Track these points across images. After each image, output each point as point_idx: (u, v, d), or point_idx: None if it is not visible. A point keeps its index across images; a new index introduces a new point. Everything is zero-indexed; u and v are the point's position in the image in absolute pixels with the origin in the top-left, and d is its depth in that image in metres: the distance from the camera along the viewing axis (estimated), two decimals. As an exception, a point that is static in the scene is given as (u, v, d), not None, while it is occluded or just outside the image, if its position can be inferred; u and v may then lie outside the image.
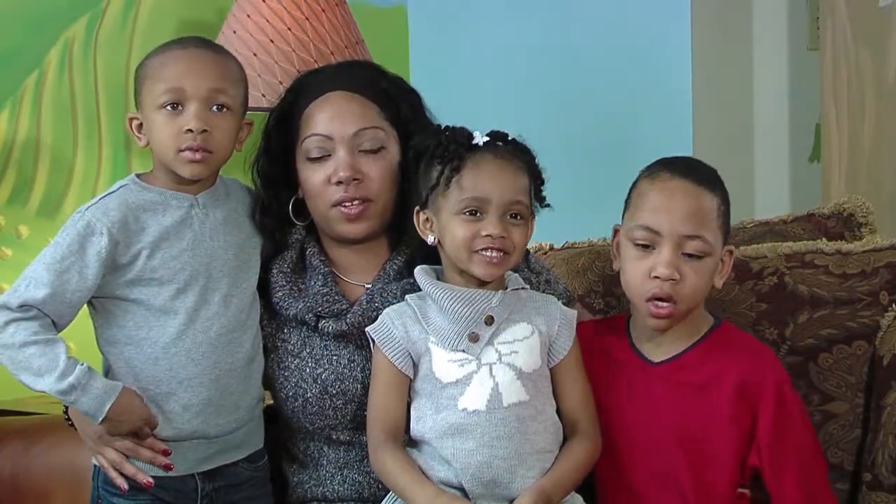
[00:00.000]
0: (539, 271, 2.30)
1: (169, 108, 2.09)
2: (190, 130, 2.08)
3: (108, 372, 2.14)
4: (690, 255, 2.04)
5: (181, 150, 2.09)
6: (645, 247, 2.06)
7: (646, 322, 2.09)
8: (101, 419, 2.03)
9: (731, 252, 2.11)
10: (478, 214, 2.03)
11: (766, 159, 3.83)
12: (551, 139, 3.49)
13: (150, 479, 2.08)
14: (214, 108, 2.11)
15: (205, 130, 2.09)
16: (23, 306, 2.03)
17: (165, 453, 2.08)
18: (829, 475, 2.25)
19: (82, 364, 2.03)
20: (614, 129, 3.63)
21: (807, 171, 3.84)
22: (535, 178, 2.09)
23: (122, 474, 2.08)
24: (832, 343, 2.35)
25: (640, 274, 2.06)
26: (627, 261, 2.08)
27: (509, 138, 2.09)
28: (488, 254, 2.03)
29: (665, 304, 2.04)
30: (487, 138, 2.07)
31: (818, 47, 3.53)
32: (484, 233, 2.03)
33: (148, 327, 2.10)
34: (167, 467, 2.09)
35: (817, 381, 2.35)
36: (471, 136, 2.07)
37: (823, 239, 2.47)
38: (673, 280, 2.03)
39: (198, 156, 2.10)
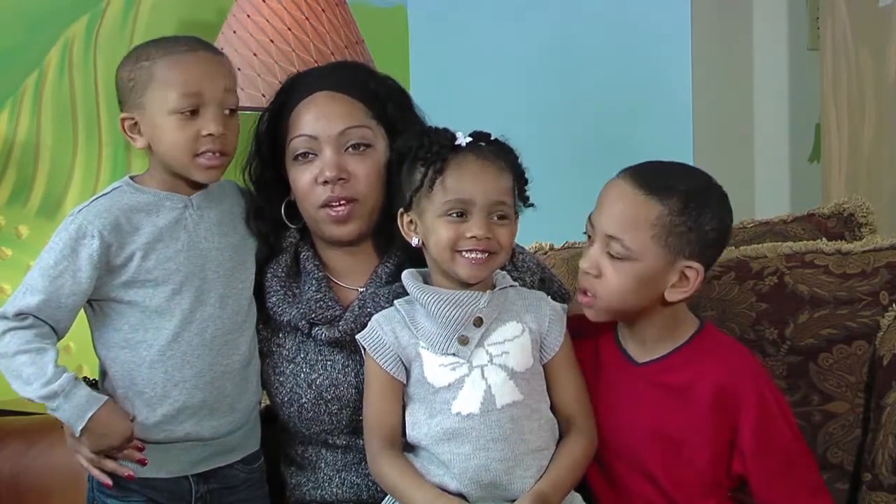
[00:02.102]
0: (533, 270, 2.29)
1: (187, 113, 2.09)
2: (210, 134, 2.08)
3: (104, 376, 2.14)
4: (612, 256, 2.05)
5: (198, 155, 2.09)
6: (589, 238, 2.10)
7: None
8: (80, 428, 2.03)
9: (697, 271, 2.06)
10: (462, 216, 2.03)
11: (766, 159, 3.83)
12: (551, 139, 3.51)
13: (132, 472, 2.08)
14: (227, 110, 2.11)
15: (223, 134, 2.10)
16: (18, 315, 2.05)
17: (139, 449, 2.08)
18: (829, 475, 2.25)
19: (69, 373, 2.04)
20: (614, 130, 3.63)
21: (807, 171, 3.84)
22: (519, 178, 2.08)
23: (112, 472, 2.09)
24: (832, 343, 2.35)
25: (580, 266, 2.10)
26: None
27: (492, 138, 2.09)
28: (473, 255, 2.03)
29: (586, 296, 2.07)
30: (470, 139, 2.07)
31: (818, 47, 3.53)
32: (469, 234, 2.02)
33: (144, 329, 2.10)
34: (141, 462, 2.09)
35: (817, 381, 2.35)
36: (453, 138, 2.06)
37: (823, 239, 2.47)
38: (589, 274, 2.06)
39: (216, 160, 2.10)
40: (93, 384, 2.18)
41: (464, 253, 2.03)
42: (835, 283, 2.37)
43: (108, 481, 2.09)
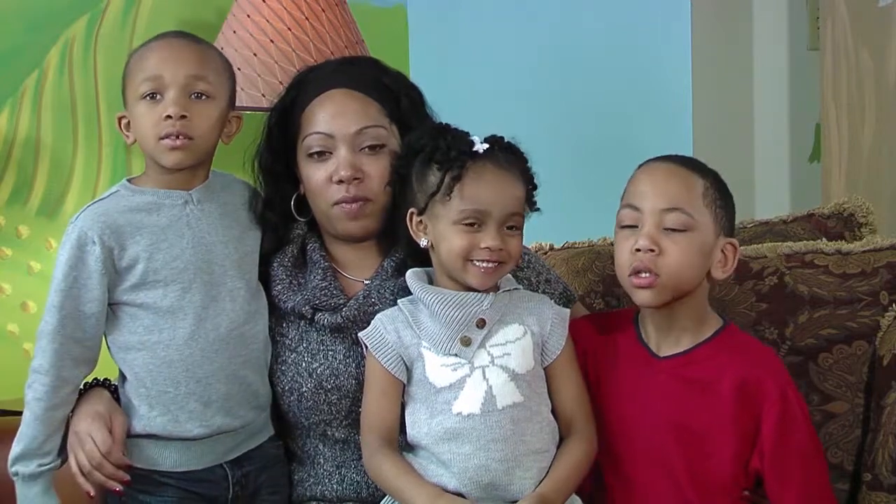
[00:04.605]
0: (539, 270, 2.30)
1: (149, 97, 2.10)
2: (169, 117, 2.09)
3: (123, 379, 2.15)
4: (673, 230, 2.05)
5: (161, 138, 2.10)
6: (632, 227, 2.08)
7: (634, 299, 2.10)
8: None
9: (733, 246, 2.10)
10: (477, 225, 2.03)
11: (766, 159, 3.83)
12: (551, 139, 3.50)
13: (120, 487, 2.09)
14: (193, 95, 2.11)
15: (183, 116, 2.09)
16: (42, 340, 2.08)
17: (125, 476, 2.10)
18: (830, 475, 2.25)
19: (48, 463, 2.08)
20: (614, 129, 3.62)
21: (807, 171, 3.84)
22: (528, 184, 2.09)
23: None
24: (832, 343, 2.35)
25: (626, 253, 2.08)
26: (616, 244, 2.11)
27: (505, 142, 2.09)
28: (484, 265, 2.03)
29: (646, 274, 2.06)
30: (487, 145, 2.06)
31: (818, 47, 3.53)
32: (483, 245, 2.02)
33: (158, 330, 2.11)
34: (124, 481, 2.10)
35: (817, 381, 2.35)
36: (472, 144, 2.06)
37: (823, 239, 2.47)
38: (651, 251, 2.05)
39: (177, 142, 2.10)
40: (108, 386, 2.19)
41: (475, 262, 2.03)
42: (835, 283, 2.37)
43: (92, 491, 2.09)
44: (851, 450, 2.33)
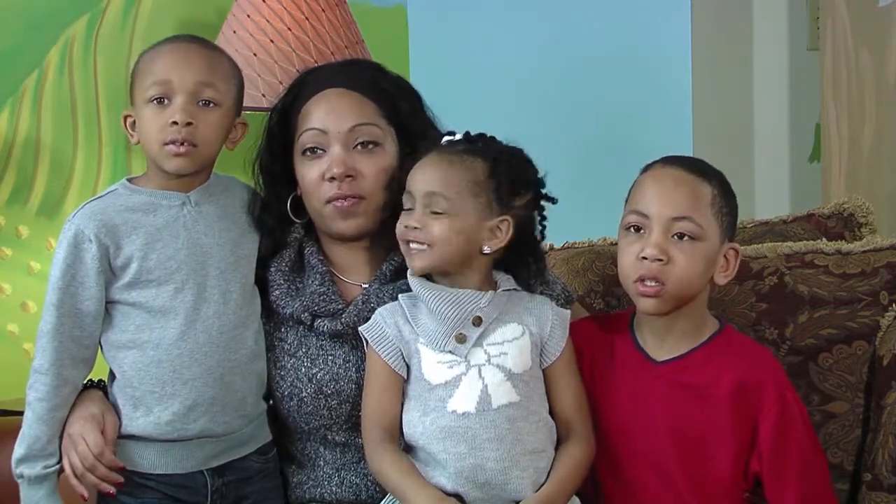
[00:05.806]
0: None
1: (156, 101, 2.10)
2: (175, 123, 2.08)
3: (112, 377, 2.15)
4: (681, 237, 2.05)
5: (166, 144, 2.10)
6: (637, 230, 2.07)
7: (638, 306, 2.09)
8: None
9: (735, 251, 2.10)
10: (410, 208, 2.06)
11: (766, 159, 3.83)
12: (551, 139, 3.50)
13: (113, 489, 2.09)
14: (201, 102, 2.11)
15: (189, 123, 2.09)
16: (42, 339, 2.08)
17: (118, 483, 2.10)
18: (830, 475, 2.25)
19: (53, 465, 2.09)
20: (614, 130, 3.63)
21: (807, 171, 3.84)
22: (500, 175, 2.06)
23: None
24: (832, 343, 2.35)
25: (631, 258, 2.07)
26: (621, 248, 2.10)
27: (473, 134, 2.10)
28: (411, 245, 2.05)
29: (652, 283, 2.05)
30: (449, 138, 2.10)
31: (818, 47, 3.53)
32: (404, 223, 2.05)
33: (150, 329, 2.11)
34: (117, 483, 2.10)
35: (817, 381, 2.35)
36: (437, 140, 2.10)
37: (823, 239, 2.47)
38: (660, 261, 2.04)
39: (182, 149, 2.10)
40: (101, 387, 2.19)
41: (408, 243, 2.05)
42: (835, 283, 2.37)
43: (86, 493, 2.09)
44: (851, 450, 2.33)
